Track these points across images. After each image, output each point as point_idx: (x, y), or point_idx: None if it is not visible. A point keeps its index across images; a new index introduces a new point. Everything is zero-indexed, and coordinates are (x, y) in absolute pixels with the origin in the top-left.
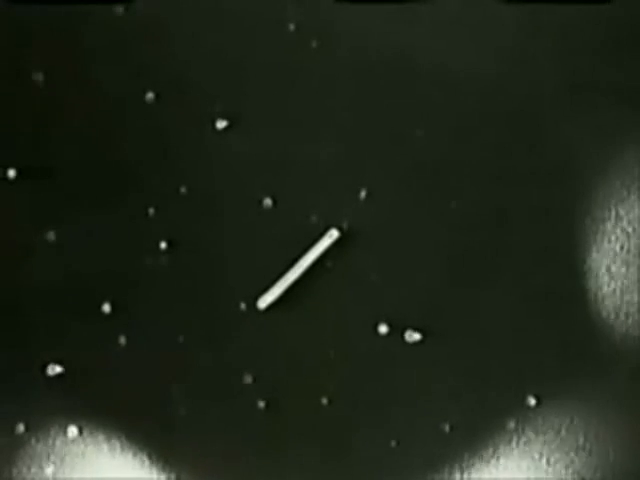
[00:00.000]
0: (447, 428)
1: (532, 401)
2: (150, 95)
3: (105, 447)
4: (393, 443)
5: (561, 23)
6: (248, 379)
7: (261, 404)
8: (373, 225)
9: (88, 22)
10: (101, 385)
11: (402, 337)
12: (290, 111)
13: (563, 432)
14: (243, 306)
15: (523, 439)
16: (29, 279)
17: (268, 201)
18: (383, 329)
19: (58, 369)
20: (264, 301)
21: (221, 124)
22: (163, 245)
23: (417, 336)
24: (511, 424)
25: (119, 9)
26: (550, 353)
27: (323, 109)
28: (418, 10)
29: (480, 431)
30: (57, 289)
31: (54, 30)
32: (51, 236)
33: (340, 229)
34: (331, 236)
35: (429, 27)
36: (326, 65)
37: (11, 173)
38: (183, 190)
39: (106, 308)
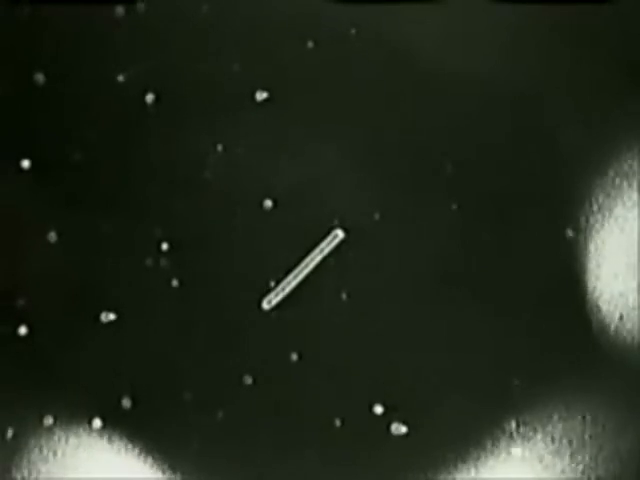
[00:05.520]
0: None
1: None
2: (150, 96)
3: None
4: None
5: (560, 23)
6: (248, 380)
7: (263, 406)
8: (378, 225)
9: (88, 23)
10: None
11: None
12: (291, 112)
13: (562, 435)
14: (247, 307)
15: (522, 441)
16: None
17: (269, 202)
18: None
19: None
20: (269, 302)
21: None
22: (165, 246)
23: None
24: (511, 426)
25: (120, 10)
26: (548, 357)
27: (324, 109)
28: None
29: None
30: (56, 290)
31: (54, 30)
32: (52, 236)
33: (345, 230)
34: (336, 236)
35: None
36: (329, 69)
37: (25, 163)
38: (185, 191)
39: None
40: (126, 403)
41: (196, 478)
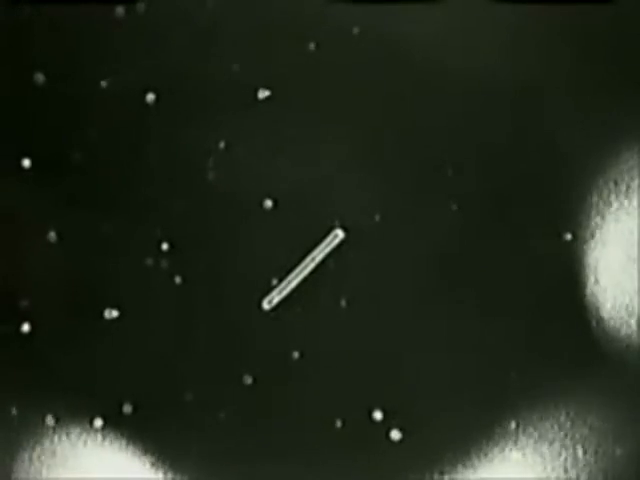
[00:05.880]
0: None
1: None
2: (151, 96)
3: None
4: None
5: (560, 23)
6: (248, 380)
7: (263, 406)
8: (378, 225)
9: (88, 23)
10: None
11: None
12: (292, 112)
13: (562, 435)
14: (247, 307)
15: (522, 441)
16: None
17: (269, 202)
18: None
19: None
20: (269, 302)
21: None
22: (165, 246)
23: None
24: (511, 426)
25: (120, 10)
26: (548, 358)
27: (325, 109)
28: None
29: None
30: (57, 290)
31: (54, 30)
32: (52, 236)
33: (345, 230)
34: (336, 236)
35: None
36: (328, 67)
37: (25, 163)
38: (186, 191)
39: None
40: (127, 403)
41: (196, 478)
